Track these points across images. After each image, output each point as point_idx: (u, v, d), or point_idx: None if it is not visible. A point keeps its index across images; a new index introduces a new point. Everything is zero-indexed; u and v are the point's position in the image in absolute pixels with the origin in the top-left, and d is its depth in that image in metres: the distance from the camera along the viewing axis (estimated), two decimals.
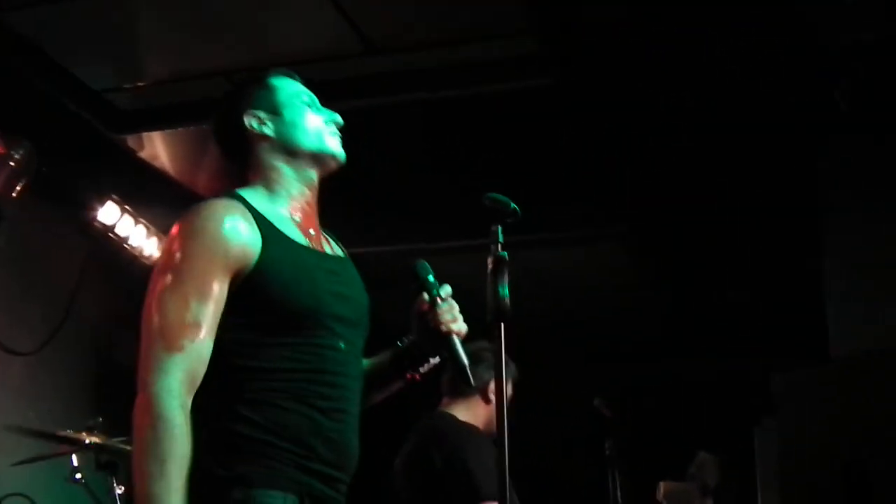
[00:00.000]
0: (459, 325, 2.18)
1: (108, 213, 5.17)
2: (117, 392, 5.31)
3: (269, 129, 2.18)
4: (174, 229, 2.01)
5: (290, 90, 2.25)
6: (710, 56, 4.10)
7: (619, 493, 4.14)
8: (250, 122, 2.17)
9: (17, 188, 4.40)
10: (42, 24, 4.14)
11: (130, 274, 5.52)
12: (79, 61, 4.47)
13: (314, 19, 4.06)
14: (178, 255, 1.95)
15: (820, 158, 4.65)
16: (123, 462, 3.49)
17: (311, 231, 2.18)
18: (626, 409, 4.24)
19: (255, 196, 2.12)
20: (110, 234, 5.23)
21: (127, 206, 5.26)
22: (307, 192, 2.20)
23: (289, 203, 2.16)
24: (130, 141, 5.06)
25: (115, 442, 3.49)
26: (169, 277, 1.93)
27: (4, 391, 4.72)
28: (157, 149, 5.17)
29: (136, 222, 5.37)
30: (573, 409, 4.12)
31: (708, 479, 4.68)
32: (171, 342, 1.87)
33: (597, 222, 5.50)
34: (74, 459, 3.44)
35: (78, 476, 3.49)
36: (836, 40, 3.88)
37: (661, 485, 4.65)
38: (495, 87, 4.43)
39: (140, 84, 4.69)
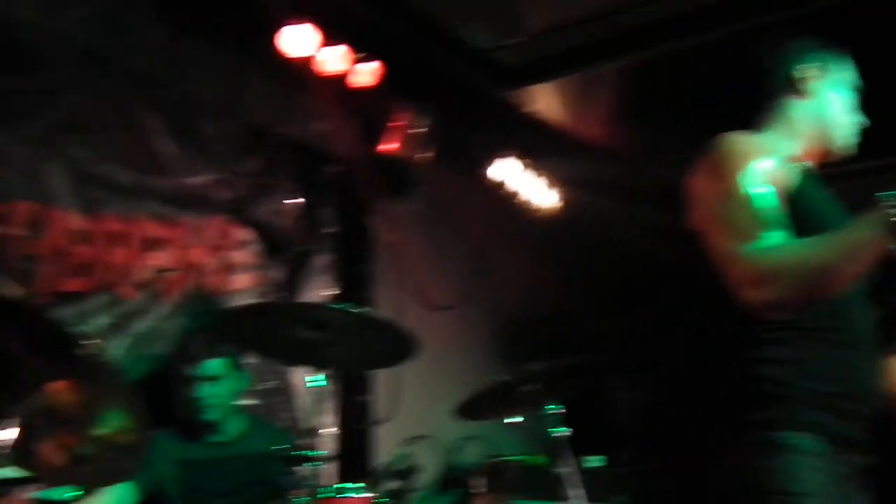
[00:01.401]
0: None
1: (507, 169, 5.34)
2: (532, 337, 5.55)
3: (817, 89, 2.28)
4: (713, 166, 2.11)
5: (852, 78, 2.35)
6: None
7: None
8: (806, 72, 2.27)
9: (427, 155, 4.65)
10: None
11: (532, 226, 5.69)
12: (463, 24, 4.62)
13: None
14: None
15: None
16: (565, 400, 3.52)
17: None
18: None
19: (770, 138, 2.22)
20: (511, 190, 5.40)
21: (524, 161, 5.39)
22: (812, 153, 2.29)
23: (797, 154, 2.25)
24: (519, 96, 5.15)
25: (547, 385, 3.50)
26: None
27: (433, 345, 5.03)
28: (545, 101, 5.23)
29: (535, 175, 5.49)
30: None
31: None
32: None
33: None
34: None
35: (516, 419, 3.59)
36: None
37: None
38: None
39: (522, 39, 4.75)
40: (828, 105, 2.28)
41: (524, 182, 5.45)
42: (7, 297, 3.11)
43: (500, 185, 5.35)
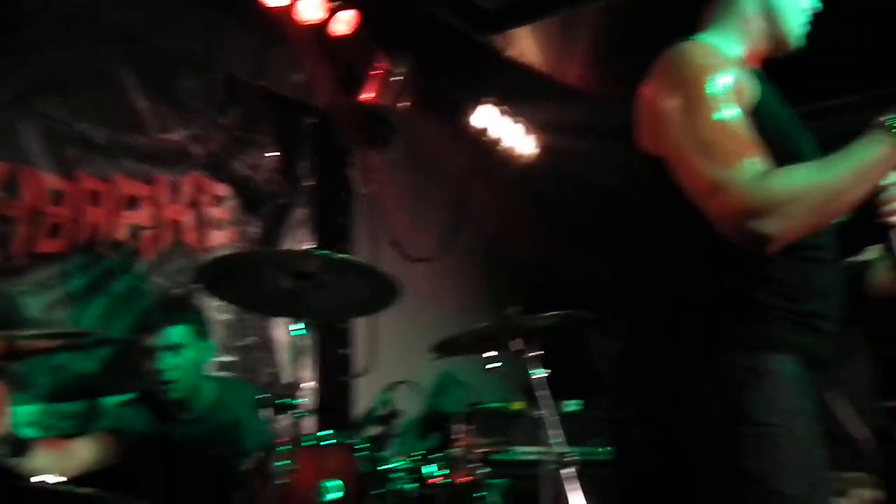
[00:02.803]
0: None
1: (485, 115, 5.31)
2: (512, 286, 5.57)
3: None
4: (667, 72, 1.92)
5: None
6: None
7: None
8: None
9: (404, 101, 4.62)
10: None
11: (512, 172, 5.68)
12: None
13: None
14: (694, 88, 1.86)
15: None
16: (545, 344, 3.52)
17: None
18: None
19: (720, 41, 2.00)
20: (489, 136, 5.37)
21: (503, 107, 5.36)
22: (760, 52, 2.10)
23: (745, 56, 2.05)
24: (498, 41, 5.09)
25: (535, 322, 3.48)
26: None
27: (410, 297, 5.05)
28: (525, 45, 5.17)
29: (514, 121, 5.47)
30: None
31: None
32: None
33: None
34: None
35: (495, 365, 3.58)
36: None
37: None
38: None
39: None
40: None
41: (505, 128, 5.42)
42: None
43: (481, 132, 5.32)
